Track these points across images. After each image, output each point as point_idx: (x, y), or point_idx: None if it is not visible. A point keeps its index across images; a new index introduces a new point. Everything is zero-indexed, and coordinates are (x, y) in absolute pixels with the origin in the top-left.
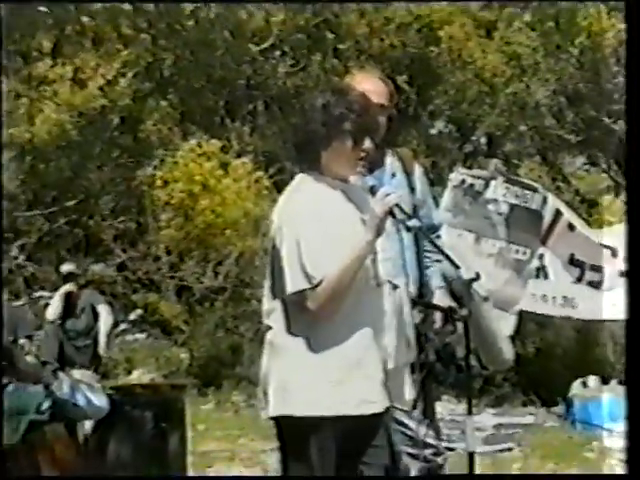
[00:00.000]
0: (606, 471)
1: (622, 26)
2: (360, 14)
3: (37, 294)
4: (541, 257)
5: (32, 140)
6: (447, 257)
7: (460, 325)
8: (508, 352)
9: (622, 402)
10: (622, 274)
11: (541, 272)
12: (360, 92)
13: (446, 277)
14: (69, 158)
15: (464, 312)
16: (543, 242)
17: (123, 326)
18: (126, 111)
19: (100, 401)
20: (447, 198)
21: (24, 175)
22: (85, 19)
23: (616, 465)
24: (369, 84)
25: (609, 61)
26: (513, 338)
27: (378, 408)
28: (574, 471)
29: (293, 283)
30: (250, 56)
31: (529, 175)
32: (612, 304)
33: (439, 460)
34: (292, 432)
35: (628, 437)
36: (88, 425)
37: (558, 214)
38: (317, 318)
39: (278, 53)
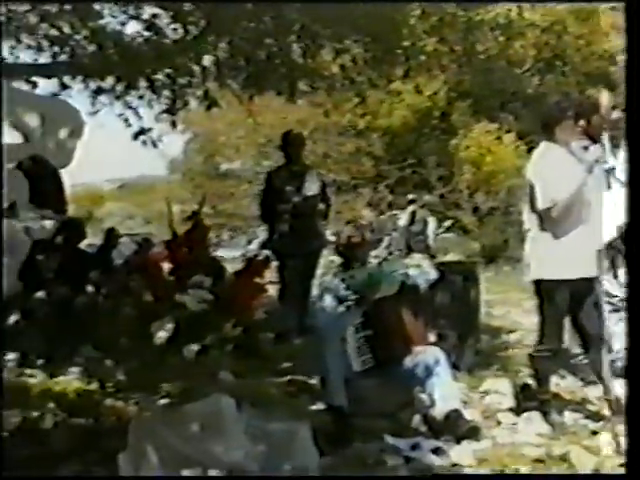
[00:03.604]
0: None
1: None
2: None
3: (394, 212)
4: None
5: (389, 127)
6: None
7: None
8: None
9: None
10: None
11: None
12: (584, 98)
13: None
14: (410, 135)
15: None
16: None
17: (441, 230)
18: (444, 109)
19: (431, 271)
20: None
21: (385, 146)
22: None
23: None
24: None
25: None
26: None
27: (592, 273)
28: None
29: (543, 202)
30: None
31: None
32: None
33: None
34: (544, 288)
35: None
36: (425, 284)
37: None
38: (556, 221)
39: None
